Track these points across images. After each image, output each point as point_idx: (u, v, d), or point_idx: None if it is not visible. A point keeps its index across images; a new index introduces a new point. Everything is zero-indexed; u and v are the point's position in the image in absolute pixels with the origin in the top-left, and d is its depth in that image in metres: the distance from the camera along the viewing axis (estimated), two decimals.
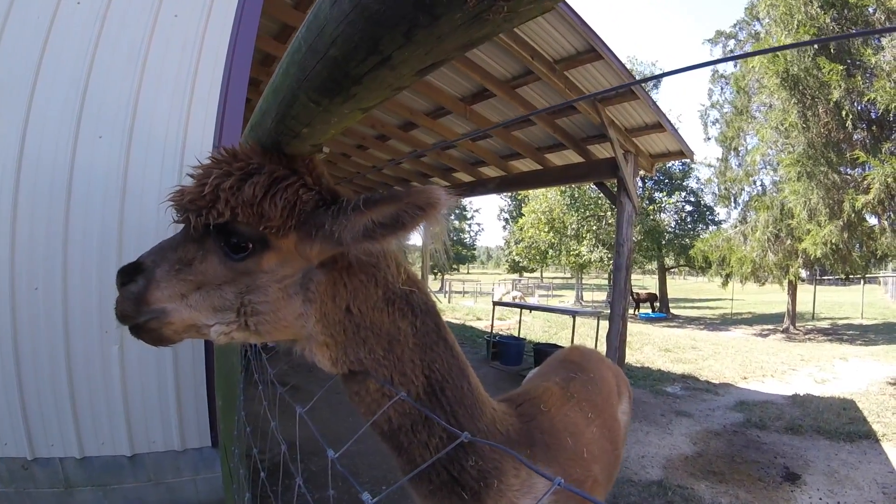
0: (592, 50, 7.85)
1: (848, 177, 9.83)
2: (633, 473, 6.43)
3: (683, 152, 10.39)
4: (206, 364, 4.57)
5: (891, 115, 8.76)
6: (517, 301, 25.45)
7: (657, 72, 36.49)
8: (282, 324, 1.52)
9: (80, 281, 4.25)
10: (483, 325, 19.64)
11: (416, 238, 1.34)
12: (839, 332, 23.17)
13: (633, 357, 14.73)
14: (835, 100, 8.79)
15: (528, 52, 7.89)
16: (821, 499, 5.90)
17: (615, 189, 10.01)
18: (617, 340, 9.63)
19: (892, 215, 9.55)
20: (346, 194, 1.51)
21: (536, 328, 19.99)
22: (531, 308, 16.66)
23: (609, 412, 2.61)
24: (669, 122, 9.48)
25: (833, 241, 10.32)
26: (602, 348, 10.09)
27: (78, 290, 4.24)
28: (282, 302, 1.49)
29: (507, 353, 12.27)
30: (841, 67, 8.76)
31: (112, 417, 4.35)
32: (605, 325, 10.03)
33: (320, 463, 5.84)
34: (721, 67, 27.33)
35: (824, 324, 26.82)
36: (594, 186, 11.35)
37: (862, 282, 30.59)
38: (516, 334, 14.71)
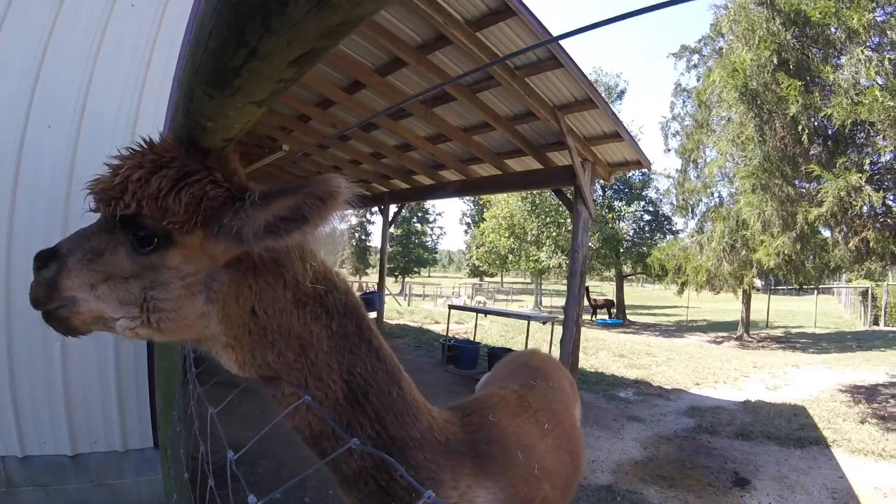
0: (553, 57, 7.91)
1: (803, 190, 10.02)
2: (582, 478, 6.41)
3: (641, 162, 10.52)
4: (148, 363, 4.46)
5: (846, 130, 8.95)
6: (482, 306, 25.51)
7: (622, 84, 37.04)
8: (184, 322, 1.48)
9: (24, 273, 4.10)
10: (441, 328, 19.68)
11: (320, 232, 1.28)
12: (792, 341, 23.68)
13: (587, 362, 14.81)
14: (792, 114, 8.96)
15: (488, 57, 7.93)
16: None
17: (573, 196, 10.09)
18: (570, 346, 9.71)
19: (844, 228, 9.75)
20: (253, 189, 1.44)
21: (493, 332, 20.03)
22: (486, 312, 16.74)
23: (569, 422, 2.57)
24: (627, 131, 9.59)
25: (786, 252, 10.53)
26: (556, 353, 10.18)
27: (21, 283, 4.08)
28: (184, 300, 1.45)
29: (462, 356, 12.24)
30: (799, 83, 8.94)
31: (53, 416, 4.22)
32: (559, 330, 10.08)
33: (267, 466, 5.76)
34: (684, 82, 27.76)
35: (778, 332, 27.36)
36: (554, 193, 11.45)
37: (816, 292, 31.31)
38: (473, 338, 14.76)
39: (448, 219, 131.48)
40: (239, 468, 5.07)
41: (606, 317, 32.95)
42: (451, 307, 16.32)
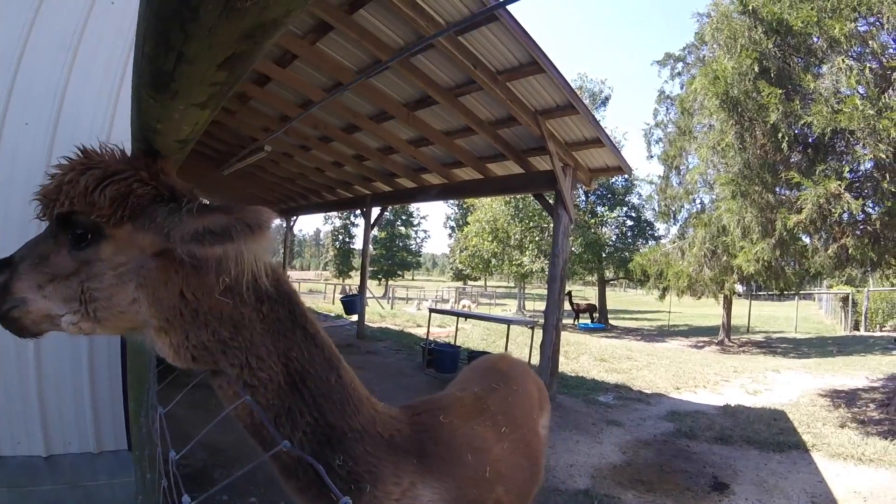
0: (534, 62, 7.94)
1: (783, 197, 10.09)
2: (560, 482, 6.42)
3: (622, 168, 10.60)
4: (122, 364, 4.42)
5: (826, 138, 9.02)
6: (468, 310, 25.51)
7: (607, 90, 37.29)
8: (117, 310, 1.55)
9: None
10: (423, 331, 19.72)
11: (241, 253, 1.38)
12: (773, 345, 23.87)
13: (568, 366, 14.85)
14: (772, 122, 9.02)
15: (470, 61, 7.95)
16: None
17: (553, 201, 10.13)
18: (550, 350, 9.73)
19: (823, 235, 9.83)
20: (188, 194, 1.57)
21: (475, 336, 20.01)
22: (467, 316, 16.74)
23: (529, 427, 2.55)
24: (608, 137, 9.66)
25: (765, 258, 10.59)
26: (536, 358, 10.19)
27: None
28: (116, 288, 1.53)
29: (443, 360, 12.20)
30: (780, 91, 9.00)
31: (27, 416, 4.17)
32: (540, 334, 10.09)
33: (242, 469, 5.75)
34: (668, 89, 28.00)
35: (759, 337, 27.57)
36: (535, 198, 11.52)
37: (797, 297, 31.59)
38: (454, 342, 14.76)
39: (432, 222, 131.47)
40: (215, 471, 5.04)
41: (589, 321, 33.00)
42: (431, 311, 16.30)
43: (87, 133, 4.26)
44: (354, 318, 19.43)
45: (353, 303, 19.26)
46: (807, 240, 10.60)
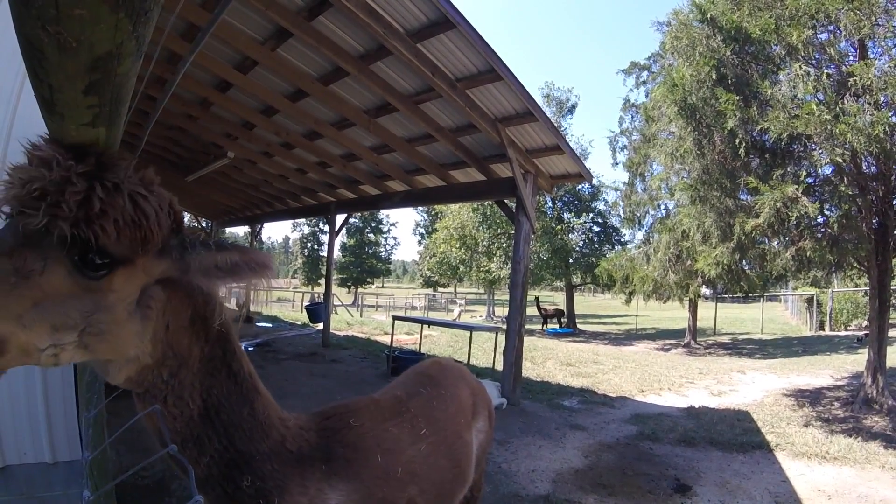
0: (493, 70, 7.98)
1: (743, 202, 10.20)
2: (521, 488, 6.37)
3: (582, 174, 10.72)
4: (74, 371, 4.30)
5: (783, 144, 9.15)
6: (457, 320, 25.55)
7: (573, 99, 37.58)
8: (119, 343, 1.36)
9: None
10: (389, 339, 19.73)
11: (241, 288, 1.40)
12: (739, 347, 24.10)
13: (534, 371, 14.84)
14: (729, 128, 9.12)
15: (429, 69, 7.97)
16: None
17: (515, 208, 10.18)
18: (513, 356, 9.78)
19: (782, 238, 9.96)
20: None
21: (442, 343, 19.95)
22: (430, 323, 16.83)
23: (453, 430, 2.59)
24: (568, 144, 9.77)
25: (725, 261, 10.69)
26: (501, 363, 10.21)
27: None
28: (125, 322, 1.35)
29: (406, 367, 12.09)
30: (738, 98, 9.10)
31: None
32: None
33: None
34: (632, 97, 28.34)
35: (725, 339, 27.81)
36: (497, 205, 11.64)
37: (762, 299, 32.00)
38: (419, 349, 14.73)
39: (402, 229, 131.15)
40: (172, 482, 4.97)
41: (557, 326, 33.14)
42: (395, 318, 16.31)
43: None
44: (319, 326, 19.34)
45: (317, 311, 19.17)
46: (767, 243, 10.72)
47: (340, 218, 17.89)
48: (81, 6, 0.77)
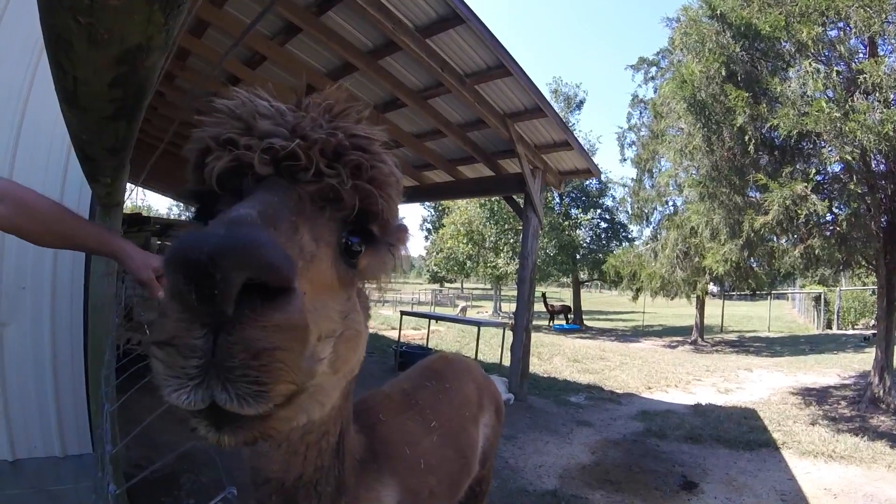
0: (502, 66, 7.98)
1: (752, 199, 10.16)
2: (528, 483, 6.39)
3: (591, 170, 10.69)
4: (84, 366, 4.34)
5: (792, 141, 9.12)
6: (462, 315, 25.58)
7: (581, 94, 37.61)
8: (360, 355, 1.08)
9: None
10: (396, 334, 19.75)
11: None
12: (746, 345, 24.05)
13: (541, 367, 14.88)
14: (739, 125, 9.09)
15: (438, 64, 7.97)
16: None
17: (523, 204, 10.18)
18: (520, 352, 9.79)
19: (790, 236, 9.93)
20: None
21: (449, 338, 19.97)
22: (438, 318, 16.77)
23: (458, 423, 2.58)
24: (577, 140, 9.75)
25: (733, 259, 10.67)
26: (509, 359, 10.21)
27: None
28: (363, 323, 1.09)
29: (413, 363, 12.08)
30: (747, 95, 9.06)
31: None
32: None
33: (211, 475, 5.66)
34: (641, 93, 28.25)
35: (732, 336, 27.77)
36: (505, 200, 11.62)
37: (769, 297, 31.87)
38: (426, 344, 14.74)
39: (409, 224, 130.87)
40: (182, 476, 4.99)
41: (563, 322, 33.10)
42: (403, 313, 16.35)
43: (48, 138, 4.22)
44: None
45: None
46: (776, 241, 10.69)
47: None
48: None
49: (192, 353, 0.71)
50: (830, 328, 28.12)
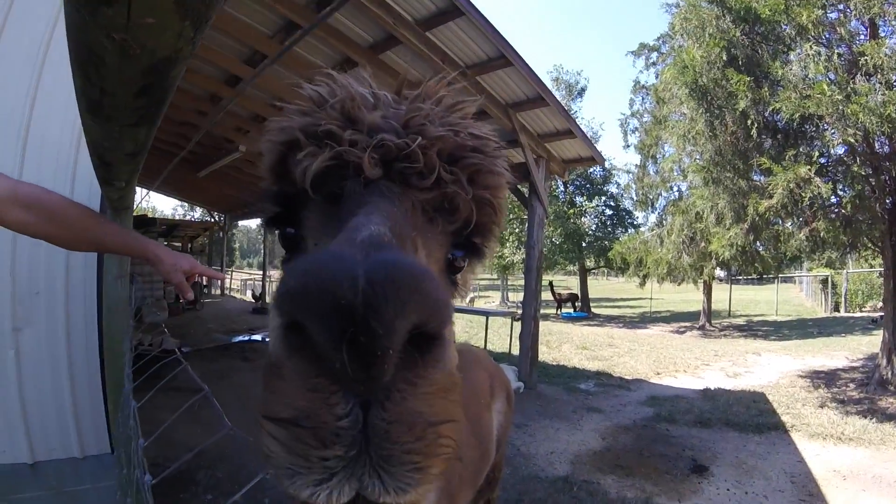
0: (502, 56, 7.99)
1: (757, 183, 10.16)
2: (540, 470, 6.46)
3: (595, 158, 10.71)
4: (101, 367, 4.40)
5: (795, 124, 9.11)
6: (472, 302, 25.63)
7: (583, 82, 37.58)
8: None
9: None
10: None
11: None
12: (754, 329, 24.03)
13: (550, 355, 14.91)
14: (741, 109, 9.09)
15: (438, 57, 7.98)
16: (728, 489, 6.02)
17: (528, 193, 10.19)
18: (529, 341, 9.82)
19: (795, 219, 9.93)
20: None
21: (457, 329, 19.90)
22: None
23: (475, 410, 2.61)
24: (580, 128, 9.76)
25: (739, 243, 10.67)
26: (517, 348, 10.24)
27: None
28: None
29: None
30: (749, 79, 9.06)
31: (11, 424, 4.16)
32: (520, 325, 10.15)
33: (226, 469, 5.72)
34: (643, 79, 28.24)
35: (740, 321, 27.71)
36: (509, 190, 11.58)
37: (776, 281, 31.80)
38: None
39: None
40: (198, 472, 5.06)
41: (571, 310, 33.09)
42: None
43: (55, 147, 4.26)
44: None
45: None
46: (781, 224, 10.69)
47: None
48: (153, 15, 0.74)
49: (336, 439, 0.54)
50: (838, 311, 28.08)
